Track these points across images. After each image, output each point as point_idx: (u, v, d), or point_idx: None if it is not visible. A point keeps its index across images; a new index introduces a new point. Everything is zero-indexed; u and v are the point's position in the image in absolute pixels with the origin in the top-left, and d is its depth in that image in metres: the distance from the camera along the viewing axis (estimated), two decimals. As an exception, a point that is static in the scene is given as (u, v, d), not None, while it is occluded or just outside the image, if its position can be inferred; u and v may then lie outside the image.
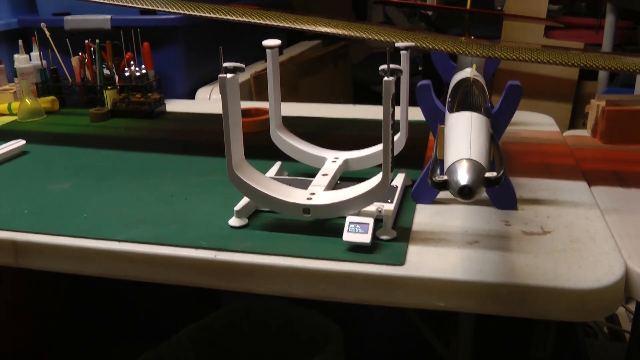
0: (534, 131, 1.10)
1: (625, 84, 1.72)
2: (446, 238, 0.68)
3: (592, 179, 0.86)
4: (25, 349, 1.34)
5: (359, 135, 1.11)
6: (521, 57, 0.79)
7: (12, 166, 0.98)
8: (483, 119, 0.67)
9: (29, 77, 1.33)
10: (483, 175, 0.55)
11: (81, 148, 1.06)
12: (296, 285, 0.64)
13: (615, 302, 0.60)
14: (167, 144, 1.08)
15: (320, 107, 1.34)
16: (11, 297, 1.29)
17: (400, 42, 0.78)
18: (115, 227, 0.74)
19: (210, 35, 1.51)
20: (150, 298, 1.42)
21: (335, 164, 0.82)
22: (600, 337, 1.43)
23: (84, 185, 0.89)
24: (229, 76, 0.66)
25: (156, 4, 0.92)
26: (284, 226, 0.72)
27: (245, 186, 0.70)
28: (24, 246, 0.72)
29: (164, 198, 0.83)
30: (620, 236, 0.68)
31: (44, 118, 1.28)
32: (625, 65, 0.77)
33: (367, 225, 0.66)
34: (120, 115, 1.26)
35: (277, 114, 0.85)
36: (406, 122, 0.82)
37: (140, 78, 1.27)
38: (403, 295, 0.62)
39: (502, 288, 0.59)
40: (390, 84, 0.61)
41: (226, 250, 0.67)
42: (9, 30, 1.47)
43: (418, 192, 0.78)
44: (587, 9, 2.17)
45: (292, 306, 1.21)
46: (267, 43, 0.80)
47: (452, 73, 0.96)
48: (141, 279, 0.70)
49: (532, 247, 0.66)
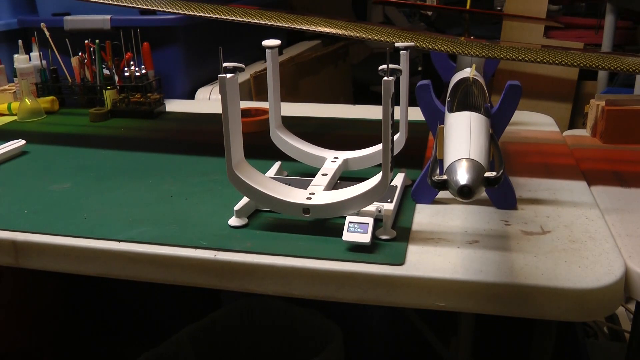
0: (534, 131, 1.10)
1: (625, 84, 1.72)
2: (446, 238, 0.68)
3: (591, 179, 0.86)
4: (26, 349, 1.34)
5: (359, 135, 1.11)
6: (521, 57, 0.79)
7: (12, 166, 0.98)
8: (483, 118, 0.67)
9: (28, 77, 1.33)
10: (482, 175, 0.55)
11: (81, 148, 1.06)
12: (296, 285, 0.64)
13: (615, 302, 0.60)
14: (167, 144, 1.08)
15: (320, 107, 1.34)
16: (11, 297, 1.29)
17: (399, 42, 0.78)
18: (115, 227, 0.74)
19: (210, 35, 1.51)
20: (150, 298, 1.42)
21: (335, 164, 0.82)
22: (600, 337, 1.43)
23: (84, 185, 0.89)
24: (228, 76, 0.66)
25: (156, 4, 0.92)
26: (283, 226, 0.73)
27: (245, 186, 0.70)
28: (24, 246, 0.72)
29: (164, 198, 0.83)
30: (620, 236, 0.68)
31: (43, 118, 1.28)
32: (625, 65, 0.77)
33: (367, 225, 0.66)
34: (120, 115, 1.26)
35: (277, 114, 0.85)
36: (406, 122, 0.82)
37: (140, 78, 1.27)
38: (403, 295, 0.62)
39: (502, 288, 0.59)
40: (389, 83, 0.61)
41: (226, 250, 0.67)
42: (9, 31, 1.47)
43: (418, 192, 0.78)
44: (587, 9, 2.17)
45: (292, 306, 1.21)
46: (267, 43, 0.80)
47: (451, 73, 0.96)
48: (141, 279, 0.70)
49: (532, 246, 0.66)
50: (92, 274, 0.71)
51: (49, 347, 1.39)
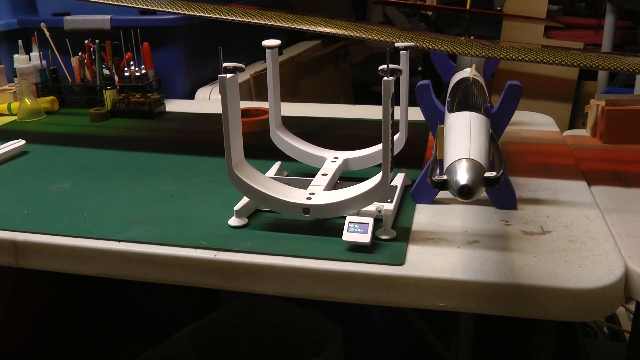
0: (534, 131, 1.10)
1: (625, 84, 1.72)
2: (446, 238, 0.68)
3: (591, 179, 0.86)
4: (26, 348, 1.34)
5: (359, 135, 1.11)
6: (521, 57, 0.79)
7: (12, 166, 0.98)
8: (482, 118, 0.67)
9: (28, 77, 1.33)
10: (482, 175, 0.55)
11: (81, 148, 1.06)
12: (296, 285, 0.64)
13: (615, 302, 0.60)
14: (167, 144, 1.08)
15: (320, 107, 1.34)
16: (11, 297, 1.29)
17: (399, 42, 0.78)
18: (115, 227, 0.74)
19: (210, 35, 1.51)
20: (151, 298, 1.42)
21: (334, 164, 0.82)
22: (600, 337, 1.43)
23: (84, 185, 0.89)
24: (228, 76, 0.66)
25: (156, 4, 0.92)
26: (283, 226, 0.73)
27: (245, 186, 0.70)
28: (24, 246, 0.72)
29: (164, 198, 0.83)
30: (620, 236, 0.68)
31: (43, 118, 1.28)
32: (625, 65, 0.77)
33: (367, 225, 0.66)
34: (120, 115, 1.26)
35: (277, 114, 0.85)
36: (406, 122, 0.82)
37: (140, 78, 1.27)
38: (403, 295, 0.62)
39: (502, 288, 0.59)
40: (389, 83, 0.61)
41: (226, 250, 0.67)
42: (9, 31, 1.47)
43: (418, 192, 0.78)
44: (587, 9, 2.17)
45: (292, 306, 1.21)
46: (267, 43, 0.80)
47: (451, 73, 0.96)
48: (141, 279, 0.70)
49: (532, 247, 0.66)
50: (92, 274, 0.71)
51: (49, 347, 1.39)
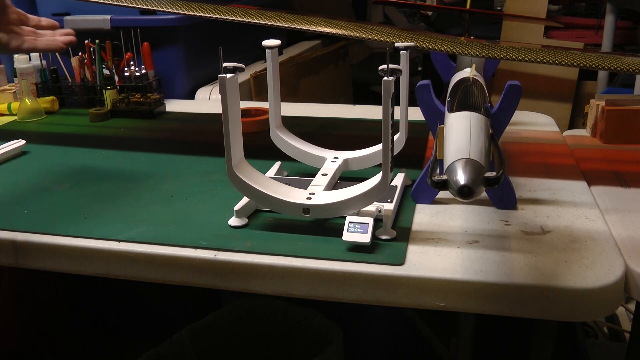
0: (534, 131, 1.10)
1: (625, 84, 1.72)
2: (446, 238, 0.68)
3: (592, 179, 0.86)
4: (26, 348, 1.34)
5: (359, 135, 1.11)
6: (521, 57, 0.79)
7: (12, 166, 0.98)
8: (482, 118, 0.67)
9: (28, 77, 1.33)
10: (482, 175, 0.55)
11: (81, 148, 1.06)
12: (296, 285, 0.64)
13: (615, 302, 0.60)
14: (167, 144, 1.08)
15: (320, 107, 1.34)
16: (11, 297, 1.29)
17: (399, 42, 0.78)
18: (115, 227, 0.74)
19: (210, 35, 1.51)
20: (150, 298, 1.42)
21: (335, 164, 0.82)
22: (600, 337, 1.43)
23: (84, 185, 0.89)
24: (228, 76, 0.66)
25: (156, 4, 0.92)
26: (283, 226, 0.73)
27: (245, 186, 0.70)
28: (24, 246, 0.72)
29: (164, 198, 0.83)
30: (620, 236, 0.68)
31: (43, 118, 1.28)
32: (625, 65, 0.77)
33: (367, 225, 0.66)
34: (120, 115, 1.26)
35: (277, 114, 0.85)
36: (406, 122, 0.82)
37: (140, 78, 1.27)
38: (403, 295, 0.62)
39: (502, 288, 0.59)
40: (389, 83, 0.61)
41: (226, 250, 0.67)
42: (8, 31, 1.47)
43: (418, 192, 0.78)
44: (587, 9, 2.17)
45: (292, 306, 1.21)
46: (267, 43, 0.80)
47: (451, 73, 0.96)
48: (141, 279, 0.70)
49: (532, 247, 0.66)
50: (92, 274, 0.71)
51: (49, 347, 1.39)
